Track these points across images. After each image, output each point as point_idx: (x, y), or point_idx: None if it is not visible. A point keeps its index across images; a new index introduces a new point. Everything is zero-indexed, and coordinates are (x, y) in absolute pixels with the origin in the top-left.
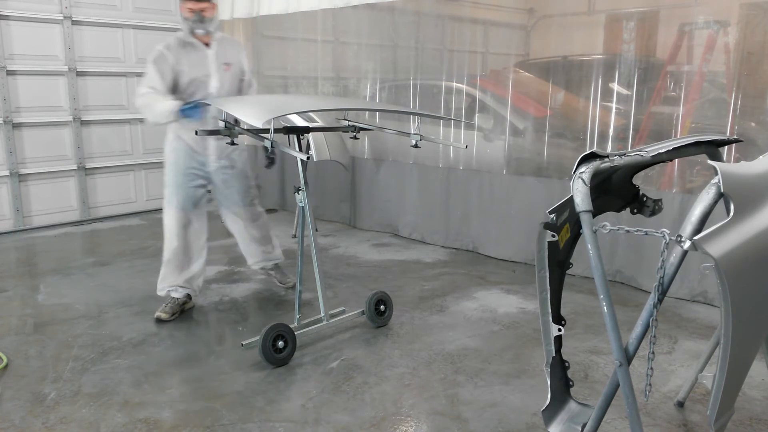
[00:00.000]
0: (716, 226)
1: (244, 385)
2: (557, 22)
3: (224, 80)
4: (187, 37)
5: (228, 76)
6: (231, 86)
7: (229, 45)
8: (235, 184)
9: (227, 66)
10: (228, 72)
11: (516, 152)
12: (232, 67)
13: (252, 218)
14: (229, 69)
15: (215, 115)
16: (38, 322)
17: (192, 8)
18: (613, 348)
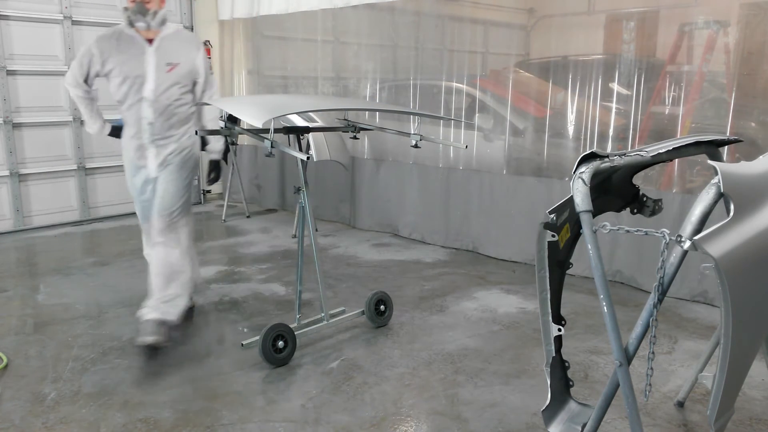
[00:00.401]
0: (716, 226)
1: (244, 385)
2: (557, 22)
3: (164, 83)
4: (127, 29)
5: (170, 78)
6: (173, 90)
7: (178, 42)
8: (158, 189)
9: (170, 66)
10: (171, 73)
11: (516, 152)
12: (178, 69)
13: (163, 229)
14: (172, 70)
15: (151, 120)
16: (38, 322)
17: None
18: (613, 348)
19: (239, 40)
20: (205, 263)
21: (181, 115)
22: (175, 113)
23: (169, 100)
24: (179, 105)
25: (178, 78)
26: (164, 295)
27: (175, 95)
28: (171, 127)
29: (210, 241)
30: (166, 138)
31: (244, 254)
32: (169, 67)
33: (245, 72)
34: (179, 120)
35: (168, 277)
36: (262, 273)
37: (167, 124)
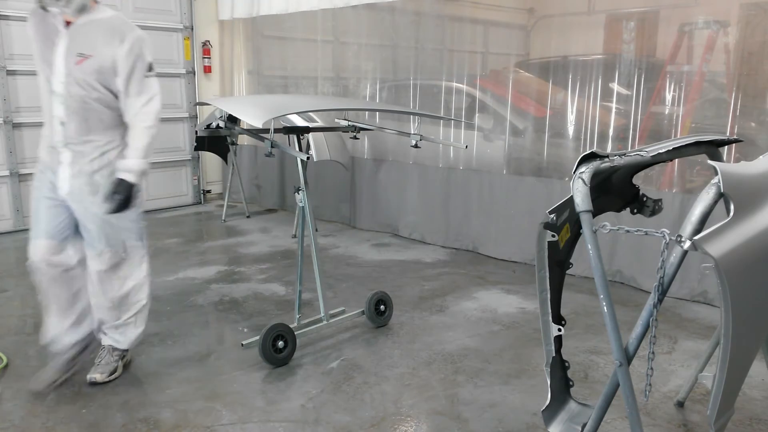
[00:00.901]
0: (716, 226)
1: (244, 385)
2: (557, 22)
3: (73, 77)
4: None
5: (80, 72)
6: (87, 87)
7: (98, 31)
8: (92, 218)
9: (81, 58)
10: (80, 67)
11: (516, 152)
12: (89, 63)
13: (106, 268)
14: (82, 62)
15: (63, 119)
16: (38, 322)
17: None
18: (613, 348)
19: (239, 40)
20: (205, 263)
21: (106, 119)
22: (93, 115)
23: (83, 97)
24: (100, 106)
25: (92, 74)
26: (108, 315)
27: (92, 94)
28: (90, 131)
29: (210, 241)
30: (84, 144)
31: (244, 254)
32: (80, 58)
33: (245, 72)
34: (102, 124)
35: (114, 305)
36: (262, 273)
37: (85, 127)
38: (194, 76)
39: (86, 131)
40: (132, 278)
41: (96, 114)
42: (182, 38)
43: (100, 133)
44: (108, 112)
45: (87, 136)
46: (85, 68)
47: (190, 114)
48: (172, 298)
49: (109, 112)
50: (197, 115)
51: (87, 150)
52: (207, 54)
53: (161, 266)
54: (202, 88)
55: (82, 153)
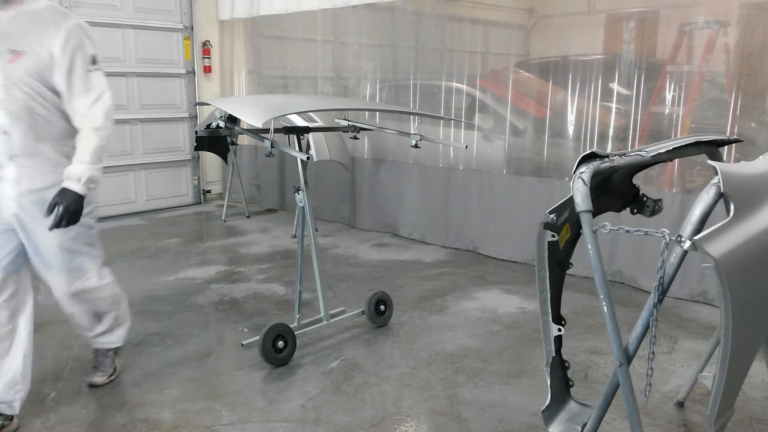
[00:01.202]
0: (716, 226)
1: (244, 385)
2: (557, 22)
3: (9, 78)
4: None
5: (15, 71)
6: (24, 92)
7: (32, 23)
8: (45, 241)
9: (13, 56)
10: (14, 65)
11: (516, 152)
12: (25, 61)
13: (72, 292)
14: (16, 60)
15: (5, 128)
16: (38, 322)
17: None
18: (613, 348)
19: (239, 40)
20: (205, 263)
21: (56, 126)
22: (40, 122)
23: (26, 101)
24: (46, 111)
25: (28, 72)
26: (94, 330)
27: (35, 97)
28: (38, 141)
29: (210, 241)
30: (32, 156)
31: (244, 254)
32: (12, 56)
33: (245, 72)
34: (52, 133)
35: (94, 318)
36: (262, 273)
37: (32, 136)
38: (194, 76)
39: (34, 141)
40: (100, 291)
41: (43, 120)
42: (182, 38)
43: (50, 143)
44: (57, 117)
45: (35, 147)
46: (20, 67)
47: (190, 114)
48: (172, 298)
49: (58, 117)
50: (197, 115)
51: (36, 164)
52: (207, 54)
53: (161, 266)
54: (202, 88)
55: (31, 167)
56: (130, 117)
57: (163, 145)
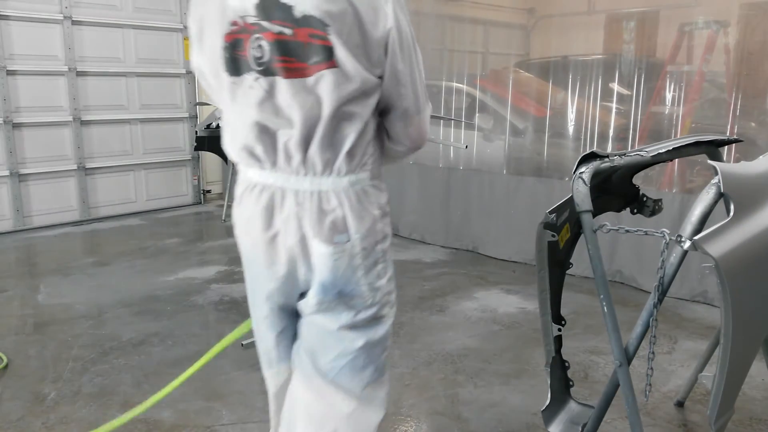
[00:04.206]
0: (716, 226)
1: (244, 385)
2: (557, 22)
3: None
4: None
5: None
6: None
7: None
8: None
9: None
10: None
11: (516, 152)
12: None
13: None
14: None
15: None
16: (38, 322)
17: None
18: (613, 348)
19: None
20: (205, 263)
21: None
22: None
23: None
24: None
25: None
26: None
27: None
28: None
29: (210, 241)
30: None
31: None
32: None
33: None
34: None
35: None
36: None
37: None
38: (194, 76)
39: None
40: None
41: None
42: (182, 38)
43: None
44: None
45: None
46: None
47: (190, 114)
48: (172, 298)
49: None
50: (197, 115)
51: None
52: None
53: (161, 266)
54: (202, 88)
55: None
56: (130, 117)
57: (163, 145)
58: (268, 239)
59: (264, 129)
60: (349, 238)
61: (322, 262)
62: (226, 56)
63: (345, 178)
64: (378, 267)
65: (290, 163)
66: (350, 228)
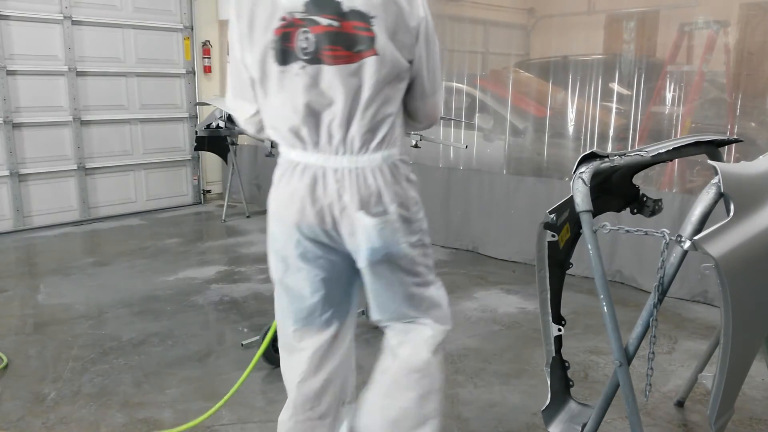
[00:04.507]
0: (716, 226)
1: (244, 385)
2: (557, 22)
3: None
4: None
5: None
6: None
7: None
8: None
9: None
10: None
11: (516, 152)
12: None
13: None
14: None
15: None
16: (38, 322)
17: None
18: (613, 348)
19: None
20: (205, 263)
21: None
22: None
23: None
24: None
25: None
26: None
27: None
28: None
29: (210, 241)
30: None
31: (244, 254)
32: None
33: None
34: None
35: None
36: (262, 273)
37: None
38: (194, 76)
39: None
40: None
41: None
42: (182, 38)
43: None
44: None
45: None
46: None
47: (190, 114)
48: (172, 298)
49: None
50: (197, 115)
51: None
52: (207, 54)
53: (161, 266)
54: (202, 88)
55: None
56: (130, 117)
57: (163, 145)
58: (314, 212)
59: (310, 112)
60: (386, 208)
61: (367, 231)
62: (275, 48)
63: (378, 155)
64: (413, 226)
65: (331, 143)
66: (386, 200)
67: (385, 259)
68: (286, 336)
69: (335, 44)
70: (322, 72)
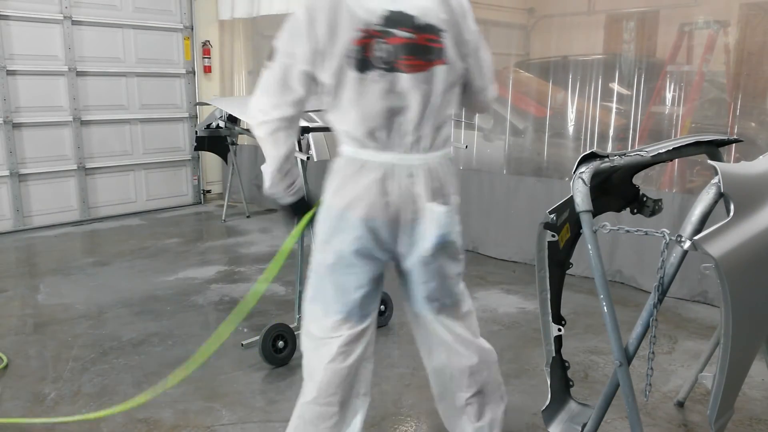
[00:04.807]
0: (716, 226)
1: (244, 385)
2: (557, 22)
3: None
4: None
5: None
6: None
7: None
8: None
9: None
10: None
11: (516, 152)
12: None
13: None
14: None
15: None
16: (38, 322)
17: None
18: (613, 348)
19: (239, 40)
20: (205, 263)
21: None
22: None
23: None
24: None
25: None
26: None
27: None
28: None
29: (210, 241)
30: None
31: (244, 254)
32: None
33: (245, 72)
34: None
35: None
36: (262, 273)
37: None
38: (194, 76)
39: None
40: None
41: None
42: (182, 38)
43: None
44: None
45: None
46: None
47: (190, 114)
48: (172, 298)
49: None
50: (197, 115)
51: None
52: (207, 54)
53: (161, 266)
54: (202, 88)
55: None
56: (130, 117)
57: (163, 145)
58: (382, 205)
59: (386, 115)
60: (448, 198)
61: (438, 220)
62: (354, 57)
63: (441, 151)
64: (457, 216)
65: (403, 142)
66: (448, 191)
67: (443, 247)
68: (322, 325)
69: (411, 54)
70: (399, 79)
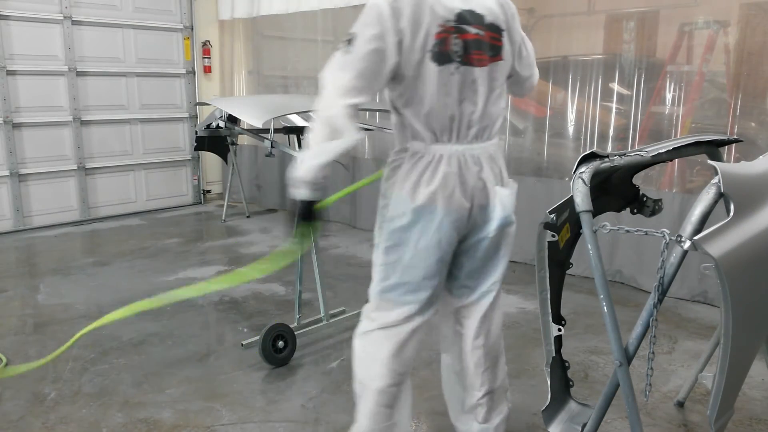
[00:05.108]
0: (716, 226)
1: (244, 385)
2: (557, 22)
3: None
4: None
5: None
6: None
7: None
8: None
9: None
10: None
11: (516, 152)
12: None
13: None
14: None
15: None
16: (38, 322)
17: None
18: (613, 348)
19: (239, 40)
20: (205, 263)
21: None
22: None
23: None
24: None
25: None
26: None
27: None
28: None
29: (210, 241)
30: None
31: (244, 254)
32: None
33: (245, 72)
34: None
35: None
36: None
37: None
38: (194, 76)
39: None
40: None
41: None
42: (182, 38)
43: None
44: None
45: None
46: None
47: (190, 114)
48: None
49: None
50: (197, 115)
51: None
52: (207, 54)
53: (161, 266)
54: (202, 88)
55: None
56: (130, 117)
57: (163, 145)
58: (461, 193)
59: (459, 107)
60: (507, 182)
61: (503, 201)
62: (435, 50)
63: (496, 139)
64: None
65: (469, 133)
66: (505, 174)
67: (504, 227)
68: (391, 314)
69: (480, 49)
70: (472, 72)
